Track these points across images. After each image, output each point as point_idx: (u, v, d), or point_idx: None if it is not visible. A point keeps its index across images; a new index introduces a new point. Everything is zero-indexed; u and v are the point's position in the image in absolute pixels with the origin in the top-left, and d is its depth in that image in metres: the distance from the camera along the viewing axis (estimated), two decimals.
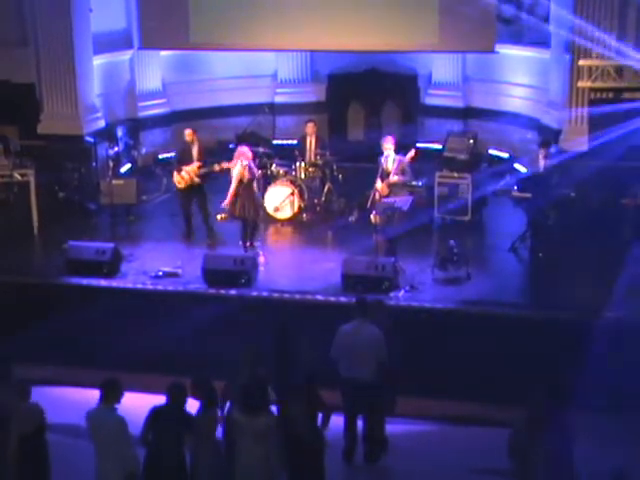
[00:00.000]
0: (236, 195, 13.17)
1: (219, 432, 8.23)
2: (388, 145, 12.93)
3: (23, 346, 10.92)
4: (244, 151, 13.28)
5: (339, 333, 9.51)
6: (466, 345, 10.91)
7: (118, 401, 8.01)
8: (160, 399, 8.13)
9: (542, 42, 16.47)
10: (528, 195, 13.31)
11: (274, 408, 8.30)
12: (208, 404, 8.08)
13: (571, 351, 10.50)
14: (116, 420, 7.94)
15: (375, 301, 10.14)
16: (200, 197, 13.94)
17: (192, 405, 8.13)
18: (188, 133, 13.99)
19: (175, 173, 13.93)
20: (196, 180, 13.76)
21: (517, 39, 17.06)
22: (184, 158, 13.94)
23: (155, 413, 8.07)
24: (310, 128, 15.35)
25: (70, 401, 10.62)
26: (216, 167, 13.66)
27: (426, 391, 10.80)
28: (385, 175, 12.88)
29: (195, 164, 13.73)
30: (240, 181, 13.12)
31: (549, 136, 14.91)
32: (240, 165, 13.12)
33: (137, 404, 8.50)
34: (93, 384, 8.53)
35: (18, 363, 9.16)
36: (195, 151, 13.89)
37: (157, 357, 11.14)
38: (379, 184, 12.84)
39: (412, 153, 12.90)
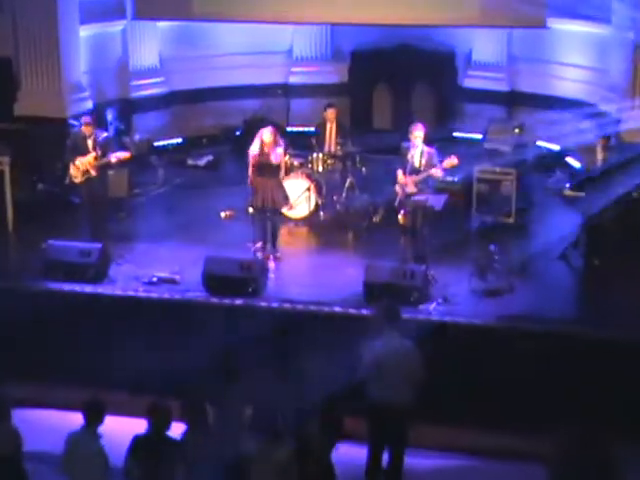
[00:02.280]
0: (253, 184, 13.26)
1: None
2: (417, 134, 12.90)
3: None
4: (263, 131, 13.32)
5: (368, 349, 9.45)
6: (506, 367, 10.91)
7: (101, 423, 8.08)
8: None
9: (601, 17, 16.46)
10: (582, 194, 13.29)
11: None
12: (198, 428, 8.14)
13: (630, 375, 10.49)
14: (97, 449, 7.99)
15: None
16: (99, 190, 13.99)
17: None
18: (86, 129, 13.87)
19: (70, 166, 13.90)
20: (92, 172, 13.77)
21: (572, 13, 17.04)
22: (78, 149, 13.90)
23: (137, 443, 8.09)
24: (331, 114, 15.38)
25: (48, 425, 10.67)
26: (112, 158, 13.75)
27: (457, 418, 10.80)
28: (412, 170, 12.86)
29: (91, 155, 13.74)
30: (254, 166, 13.19)
31: (608, 126, 14.89)
32: (257, 147, 13.19)
33: (122, 429, 8.55)
34: (74, 406, 8.59)
35: None
36: (91, 141, 13.85)
37: (148, 375, 11.15)
38: (401, 177, 12.82)
39: (453, 161, 12.79)
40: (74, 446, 8.08)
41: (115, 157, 13.76)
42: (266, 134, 13.26)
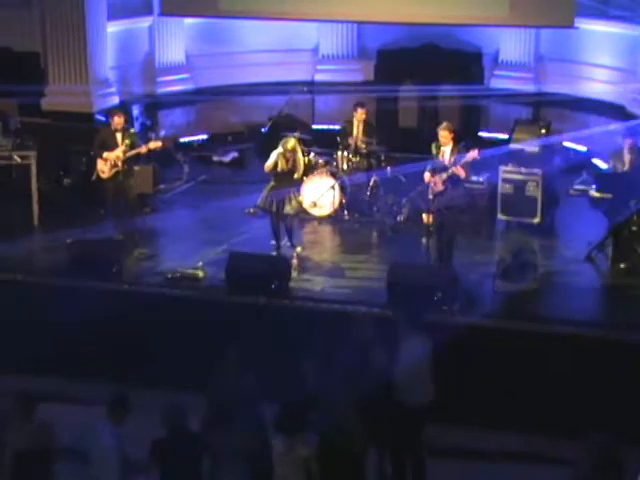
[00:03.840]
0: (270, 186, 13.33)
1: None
2: (445, 133, 12.90)
3: (21, 355, 11.06)
4: (286, 139, 13.41)
5: (401, 351, 9.41)
6: (530, 368, 10.90)
7: (124, 420, 8.11)
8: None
9: (631, 17, 16.40)
10: (609, 195, 13.25)
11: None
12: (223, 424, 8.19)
13: None
14: (118, 447, 8.03)
15: None
16: (126, 183, 14.03)
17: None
18: (118, 121, 13.90)
19: (98, 161, 13.92)
20: (119, 165, 13.79)
21: (601, 13, 17.00)
22: (107, 144, 13.96)
23: (157, 446, 8.10)
24: (360, 114, 15.39)
25: (73, 420, 10.72)
26: (143, 148, 13.82)
27: (481, 420, 10.80)
28: (440, 168, 12.87)
29: (120, 148, 13.77)
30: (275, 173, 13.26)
31: (636, 127, 14.84)
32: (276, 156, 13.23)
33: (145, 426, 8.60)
34: (98, 400, 8.64)
35: (17, 374, 9.24)
36: (120, 134, 13.89)
37: (171, 371, 11.20)
38: (428, 176, 12.83)
39: (474, 153, 12.78)
40: (92, 442, 8.12)
41: (146, 146, 13.84)
42: (290, 142, 13.31)
